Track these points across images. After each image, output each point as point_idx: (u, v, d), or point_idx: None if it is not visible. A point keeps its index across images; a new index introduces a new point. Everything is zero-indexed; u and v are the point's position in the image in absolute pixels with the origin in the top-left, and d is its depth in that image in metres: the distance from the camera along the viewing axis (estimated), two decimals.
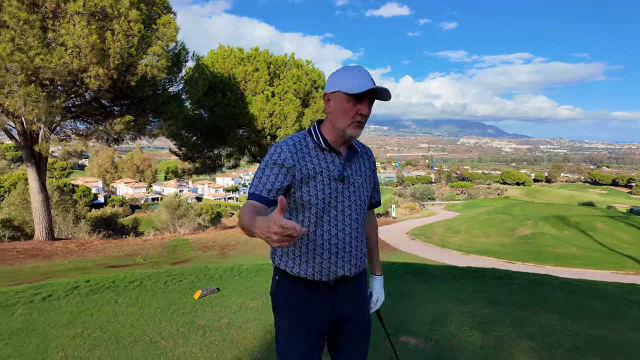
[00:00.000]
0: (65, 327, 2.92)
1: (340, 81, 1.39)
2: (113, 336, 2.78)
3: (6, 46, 9.26)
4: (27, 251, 11.33)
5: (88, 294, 3.61)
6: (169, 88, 14.29)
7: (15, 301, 3.36)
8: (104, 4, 10.24)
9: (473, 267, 5.12)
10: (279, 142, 1.43)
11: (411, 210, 37.21)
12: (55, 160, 54.51)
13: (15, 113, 10.56)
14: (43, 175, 13.19)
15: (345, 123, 1.38)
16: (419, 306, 3.58)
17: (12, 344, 2.64)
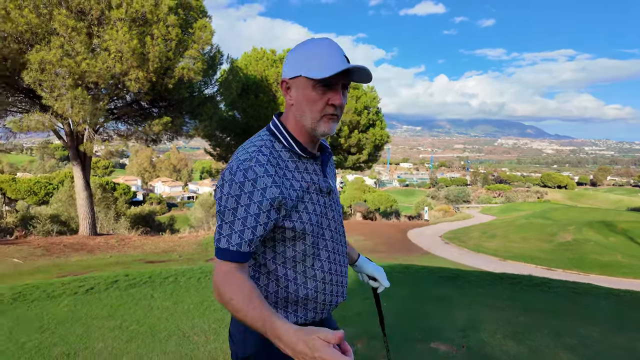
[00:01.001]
0: (106, 319, 3.08)
1: (302, 62, 1.04)
2: (149, 329, 2.90)
3: (56, 52, 9.86)
4: (73, 245, 12.02)
5: (127, 288, 3.79)
6: (205, 90, 14.74)
7: (61, 292, 3.58)
8: (145, 10, 10.70)
9: (508, 274, 4.94)
10: (242, 160, 1.00)
11: (445, 213, 36.35)
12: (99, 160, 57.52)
13: (63, 115, 11.22)
14: (87, 173, 13.95)
15: (313, 118, 1.04)
16: (450, 312, 3.49)
17: (58, 333, 2.81)
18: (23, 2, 9.57)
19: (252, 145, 1.05)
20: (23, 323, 2.98)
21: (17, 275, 7.96)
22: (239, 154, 1.03)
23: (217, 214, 1.02)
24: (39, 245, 11.66)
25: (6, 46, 9.74)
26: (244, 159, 1.00)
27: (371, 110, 20.32)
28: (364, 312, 3.44)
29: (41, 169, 65.49)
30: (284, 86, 1.09)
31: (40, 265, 9.25)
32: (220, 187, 1.01)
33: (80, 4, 10.07)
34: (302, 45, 1.07)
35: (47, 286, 3.74)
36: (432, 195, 60.47)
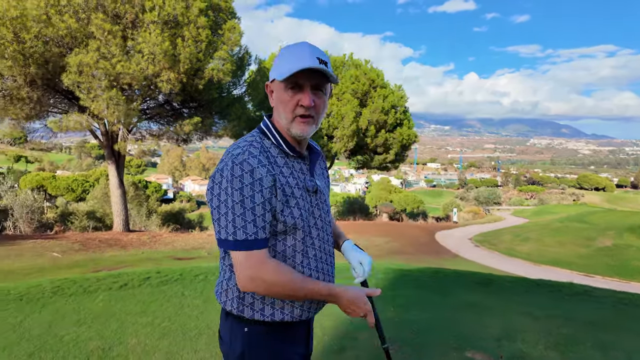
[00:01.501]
0: (138, 315, 3.14)
1: (276, 66, 1.10)
2: (180, 327, 2.93)
3: (93, 55, 10.26)
4: (107, 241, 12.48)
5: (158, 284, 3.87)
6: (233, 91, 14.98)
7: (97, 288, 3.69)
8: (176, 12, 10.96)
9: (546, 280, 4.71)
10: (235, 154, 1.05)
11: (474, 215, 35.41)
12: (132, 158, 59.63)
13: (99, 115, 11.67)
14: (121, 172, 14.45)
15: (287, 119, 1.10)
16: (485, 319, 3.35)
17: (94, 327, 2.89)
18: (63, 8, 10.02)
19: (243, 141, 1.11)
20: (62, 316, 3.08)
21: (56, 269, 8.33)
22: (231, 150, 1.08)
23: (217, 209, 1.05)
24: (77, 240, 12.19)
25: (48, 50, 10.23)
26: (237, 153, 1.05)
27: (398, 110, 20.03)
28: None
29: (79, 167, 68.51)
30: (268, 90, 1.17)
31: (78, 259, 9.65)
32: (219, 183, 1.04)
33: (115, 8, 10.43)
34: (282, 50, 1.12)
35: (83, 281, 3.86)
36: (460, 196, 59.04)
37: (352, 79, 18.19)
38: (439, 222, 30.76)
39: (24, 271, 7.99)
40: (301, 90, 1.08)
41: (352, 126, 17.46)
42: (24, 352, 2.51)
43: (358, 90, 18.22)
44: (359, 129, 18.27)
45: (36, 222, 14.71)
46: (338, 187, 75.11)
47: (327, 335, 2.92)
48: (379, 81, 19.05)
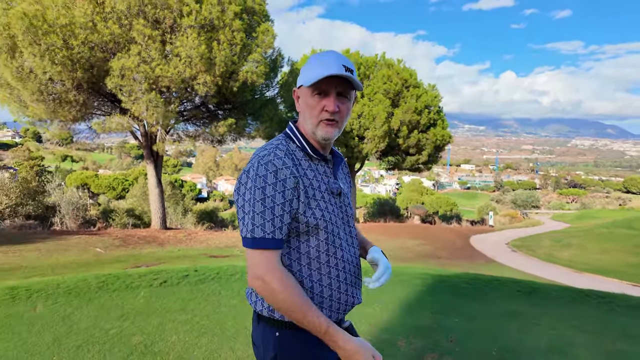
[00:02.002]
0: (178, 312, 3.22)
1: (304, 73, 1.16)
2: (218, 326, 2.97)
3: (134, 59, 10.68)
4: (145, 238, 12.96)
5: (196, 283, 3.96)
6: (266, 93, 15.18)
7: (139, 284, 3.83)
8: (212, 16, 11.23)
9: (597, 291, 4.42)
10: (261, 156, 1.10)
11: (511, 219, 34.10)
12: (169, 158, 61.83)
13: (139, 117, 12.14)
14: (159, 171, 14.98)
15: (312, 123, 1.15)
16: (529, 331, 3.18)
17: (137, 323, 2.98)
18: (108, 15, 10.50)
19: (269, 144, 1.16)
20: (106, 311, 3.20)
21: (100, 264, 8.73)
22: (258, 152, 1.13)
23: (242, 208, 1.09)
24: (117, 236, 12.74)
25: (93, 55, 10.75)
26: (264, 154, 1.10)
27: (432, 110, 19.60)
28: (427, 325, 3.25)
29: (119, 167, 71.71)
30: (295, 95, 1.23)
31: (118, 255, 10.08)
32: (244, 184, 1.09)
33: (155, 13, 10.82)
34: (310, 58, 1.18)
35: (126, 277, 4.01)
36: (496, 199, 57.06)
37: (384, 79, 17.98)
38: (473, 226, 29.85)
39: (70, 265, 8.43)
40: (327, 96, 1.14)
41: (384, 127, 17.25)
42: (73, 345, 2.62)
43: (390, 90, 17.98)
44: (390, 129, 18.03)
45: (81, 219, 15.50)
46: (368, 188, 74.55)
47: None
48: (411, 81, 18.73)
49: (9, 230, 12.73)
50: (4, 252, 9.28)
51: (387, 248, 15.51)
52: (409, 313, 3.51)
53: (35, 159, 34.91)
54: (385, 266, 1.29)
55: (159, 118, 11.73)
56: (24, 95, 11.02)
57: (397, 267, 6.11)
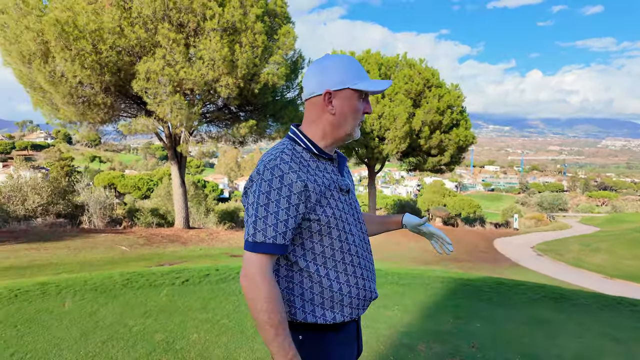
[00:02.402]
0: (199, 311, 3.27)
1: (350, 77, 1.17)
2: (237, 325, 3.00)
3: (159, 62, 10.96)
4: (169, 237, 13.26)
5: (217, 282, 4.02)
6: (287, 94, 15.29)
7: (162, 282, 3.92)
8: (234, 19, 11.40)
9: (629, 298, 4.23)
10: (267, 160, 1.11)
11: (537, 222, 33.11)
12: (192, 159, 63.13)
13: (164, 119, 12.44)
14: (183, 172, 15.30)
15: (353, 125, 1.19)
16: (556, 339, 3.07)
17: (159, 320, 3.05)
18: (134, 19, 10.82)
19: (274, 150, 1.15)
20: (131, 308, 3.29)
21: (125, 262, 8.99)
22: (263, 157, 1.14)
23: (246, 212, 1.10)
24: (142, 235, 13.09)
25: (120, 59, 11.10)
26: (269, 159, 1.10)
27: (455, 110, 19.26)
28: (447, 330, 3.19)
29: (144, 167, 73.62)
30: (325, 98, 1.17)
31: (143, 253, 10.35)
32: (249, 188, 1.11)
33: (180, 17, 11.07)
34: (343, 61, 1.19)
35: (149, 275, 4.11)
36: (521, 201, 55.53)
37: (406, 79, 17.80)
38: (497, 229, 29.14)
39: (98, 262, 8.71)
40: (365, 100, 1.21)
41: (405, 127, 17.06)
42: (99, 340, 2.70)
43: (412, 90, 17.78)
44: (412, 130, 17.82)
45: (107, 217, 16.00)
46: (388, 190, 73.93)
47: (383, 344, 2.84)
48: (434, 80, 18.46)
49: (41, 228, 13.27)
50: (37, 249, 9.69)
51: (408, 250, 15.34)
52: (429, 317, 3.45)
53: (66, 160, 36.27)
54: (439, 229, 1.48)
55: (183, 120, 11.98)
56: (56, 98, 11.47)
57: (419, 270, 6.03)
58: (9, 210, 14.58)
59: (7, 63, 11.87)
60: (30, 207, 15.12)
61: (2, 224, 13.54)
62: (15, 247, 9.63)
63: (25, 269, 7.08)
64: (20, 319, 2.99)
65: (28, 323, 2.93)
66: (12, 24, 10.77)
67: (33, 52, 10.68)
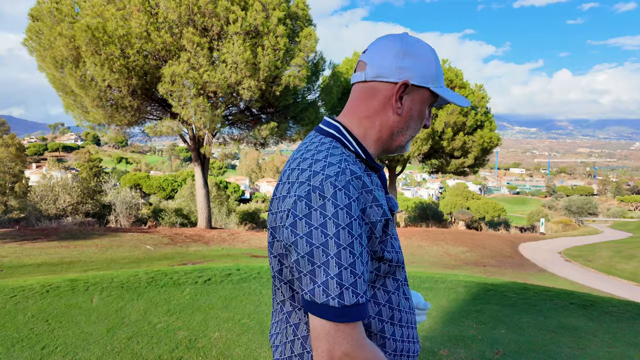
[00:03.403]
0: (220, 309, 3.32)
1: (432, 74, 0.86)
2: (258, 324, 3.03)
3: (184, 66, 11.22)
4: (192, 236, 13.52)
5: (238, 281, 4.06)
6: (307, 96, 15.36)
7: (184, 281, 3.99)
8: (257, 22, 11.55)
9: None
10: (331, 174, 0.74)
11: (565, 227, 32.04)
12: (214, 161, 64.22)
13: (188, 121, 12.72)
14: (206, 173, 15.59)
15: (411, 136, 0.90)
16: (586, 347, 2.95)
17: (182, 318, 3.11)
18: (160, 24, 11.12)
19: (328, 155, 0.79)
20: (155, 305, 3.37)
21: (149, 260, 9.23)
22: (319, 168, 0.77)
23: (307, 257, 0.71)
24: (166, 235, 13.40)
25: (147, 63, 11.42)
26: (335, 172, 0.74)
27: (479, 111, 18.88)
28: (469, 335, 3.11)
29: (169, 168, 75.47)
30: (397, 91, 0.84)
31: (167, 252, 10.59)
32: (307, 218, 0.72)
33: (204, 22, 11.30)
34: (433, 53, 0.88)
35: (173, 274, 4.20)
36: (548, 205, 53.86)
37: None
38: (523, 233, 28.32)
39: (124, 260, 8.97)
40: (429, 110, 0.92)
41: (428, 129, 16.84)
42: (124, 336, 2.78)
43: None
44: (434, 131, 17.56)
45: (133, 217, 16.47)
46: (409, 192, 73.12)
47: None
48: (457, 81, 18.15)
49: (71, 226, 13.78)
50: (67, 247, 10.07)
51: (430, 254, 15.10)
52: (452, 322, 3.38)
53: (94, 161, 37.58)
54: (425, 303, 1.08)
55: (206, 122, 12.21)
56: (86, 101, 11.91)
57: (441, 274, 5.92)
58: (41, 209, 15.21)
59: (41, 68, 12.41)
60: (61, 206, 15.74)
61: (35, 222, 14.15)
62: (47, 245, 10.03)
63: (56, 266, 7.36)
64: (52, 313, 3.11)
65: (59, 317, 3.04)
66: (46, 31, 11.26)
67: (65, 57, 11.14)
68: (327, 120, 0.89)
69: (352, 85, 0.91)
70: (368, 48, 0.88)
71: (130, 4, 10.76)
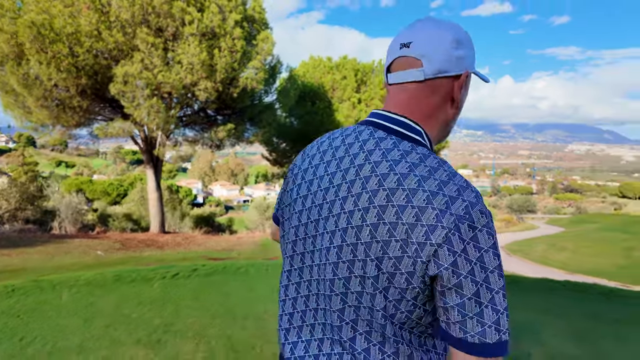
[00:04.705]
0: (191, 300, 3.53)
1: (474, 56, 0.81)
2: (229, 311, 3.29)
3: (137, 66, 11.01)
4: (145, 241, 13.20)
5: (205, 275, 4.27)
6: (265, 99, 15.55)
7: (152, 276, 4.13)
8: (213, 24, 11.60)
9: (572, 282, 4.78)
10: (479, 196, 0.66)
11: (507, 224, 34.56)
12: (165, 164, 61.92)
13: (141, 122, 12.45)
14: (159, 176, 15.26)
15: (455, 121, 0.82)
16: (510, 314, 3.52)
17: (154, 309, 3.29)
18: (112, 23, 10.84)
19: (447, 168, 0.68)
20: (126, 299, 3.51)
21: (101, 266, 8.97)
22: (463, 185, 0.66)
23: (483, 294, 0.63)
24: (117, 240, 12.97)
25: (97, 62, 11.07)
26: (476, 194, 0.66)
27: None
28: None
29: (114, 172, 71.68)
30: (461, 80, 0.76)
31: (119, 257, 10.32)
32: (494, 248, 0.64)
33: (158, 22, 11.17)
34: (467, 33, 0.80)
35: (139, 271, 4.32)
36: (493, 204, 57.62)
37: (382, 85, 18.43)
38: None
39: (73, 267, 8.67)
40: None
41: None
42: (102, 324, 2.93)
43: None
44: None
45: (80, 223, 15.74)
46: None
47: None
48: None
49: (9, 234, 12.94)
50: (8, 255, 9.51)
51: None
52: None
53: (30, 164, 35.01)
54: None
55: (160, 123, 12.03)
56: (29, 101, 11.30)
57: None
58: None
59: None
60: None
61: None
62: None
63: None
64: (22, 309, 3.17)
65: (29, 313, 3.11)
66: None
67: (6, 54, 10.53)
68: (393, 117, 0.76)
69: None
70: (413, 40, 0.75)
71: (79, 1, 10.41)
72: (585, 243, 22.02)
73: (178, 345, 2.64)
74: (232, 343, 2.67)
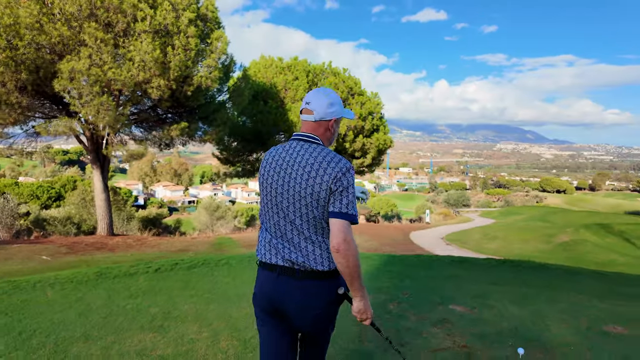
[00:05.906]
0: (182, 289, 3.73)
1: (341, 108, 1.63)
2: (221, 295, 3.55)
3: (85, 62, 10.53)
4: (93, 244, 12.61)
5: (188, 268, 4.45)
6: (218, 97, 15.44)
7: (135, 272, 4.24)
8: (167, 22, 11.40)
9: (511, 259, 5.61)
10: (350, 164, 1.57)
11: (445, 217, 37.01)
12: None
13: (88, 120, 11.88)
14: (106, 176, 14.59)
15: (335, 137, 1.70)
16: (462, 286, 4.16)
17: (147, 300, 3.47)
18: (56, 16, 10.27)
19: (333, 154, 1.57)
20: (116, 292, 3.63)
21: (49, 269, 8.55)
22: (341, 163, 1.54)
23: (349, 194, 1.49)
24: (62, 244, 12.25)
25: (40, 57, 10.42)
26: (347, 161, 1.55)
27: (375, 116, 21.02)
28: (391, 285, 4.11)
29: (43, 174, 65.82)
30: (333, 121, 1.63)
31: (69, 261, 9.84)
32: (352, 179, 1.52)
33: (108, 17, 10.76)
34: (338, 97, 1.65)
35: (120, 267, 4.39)
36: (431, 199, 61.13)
37: (331, 87, 19.04)
38: (412, 223, 32.05)
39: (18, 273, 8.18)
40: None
41: None
42: (99, 316, 3.07)
43: None
44: (339, 134, 19.08)
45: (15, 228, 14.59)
46: None
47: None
48: (356, 89, 19.99)
49: None
50: None
51: None
52: (372, 279, 4.33)
53: None
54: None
55: (110, 122, 11.59)
56: None
57: None
58: None
59: None
60: None
61: None
62: None
63: None
64: (8, 308, 3.18)
65: (18, 311, 3.14)
66: None
67: None
68: (308, 135, 1.60)
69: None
70: (311, 101, 1.60)
71: None
72: (513, 232, 24.39)
73: (181, 328, 2.87)
74: (233, 322, 2.96)
